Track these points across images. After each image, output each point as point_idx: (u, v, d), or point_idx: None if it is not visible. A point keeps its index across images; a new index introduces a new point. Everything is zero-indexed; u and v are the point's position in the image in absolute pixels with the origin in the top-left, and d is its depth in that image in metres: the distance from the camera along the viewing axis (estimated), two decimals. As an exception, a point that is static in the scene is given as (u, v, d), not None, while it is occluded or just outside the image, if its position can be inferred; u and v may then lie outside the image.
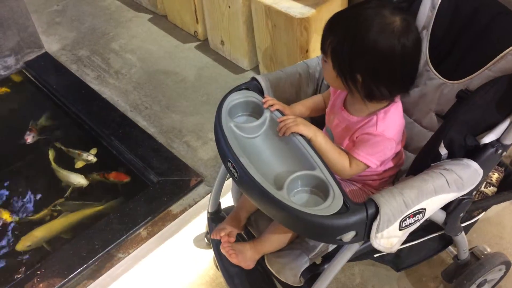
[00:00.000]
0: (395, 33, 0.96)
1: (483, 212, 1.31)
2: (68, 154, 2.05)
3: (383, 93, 1.02)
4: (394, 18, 0.97)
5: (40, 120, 2.21)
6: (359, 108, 1.08)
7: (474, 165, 0.99)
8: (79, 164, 2.01)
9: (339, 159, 1.05)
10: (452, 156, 1.00)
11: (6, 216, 1.85)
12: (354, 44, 0.97)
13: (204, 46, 2.52)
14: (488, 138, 0.98)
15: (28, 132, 2.12)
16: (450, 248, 1.41)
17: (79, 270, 1.60)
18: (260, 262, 1.19)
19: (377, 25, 0.96)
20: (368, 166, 1.05)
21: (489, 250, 1.42)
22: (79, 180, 1.95)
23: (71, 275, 1.59)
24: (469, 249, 1.38)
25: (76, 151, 2.04)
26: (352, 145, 1.08)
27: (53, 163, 2.03)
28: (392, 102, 1.06)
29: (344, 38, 0.98)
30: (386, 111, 1.06)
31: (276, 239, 1.12)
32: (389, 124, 1.05)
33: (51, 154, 2.05)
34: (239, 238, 1.26)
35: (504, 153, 1.02)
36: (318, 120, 1.26)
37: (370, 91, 1.01)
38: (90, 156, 2.02)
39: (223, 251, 1.17)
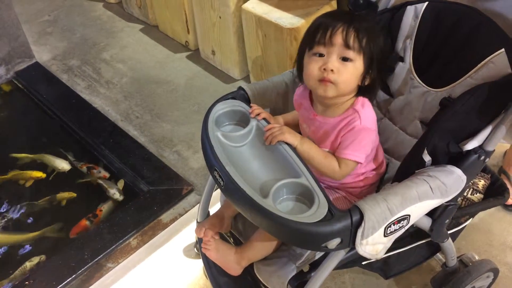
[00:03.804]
0: None
1: (470, 219, 1.32)
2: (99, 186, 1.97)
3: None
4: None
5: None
6: (333, 109, 1.09)
7: (458, 171, 1.00)
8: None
9: (328, 163, 1.06)
10: (436, 162, 1.01)
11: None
12: (379, 40, 1.05)
13: (195, 55, 2.53)
14: (470, 145, 0.99)
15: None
16: (439, 255, 1.41)
17: (68, 280, 1.59)
18: (249, 270, 1.19)
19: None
20: (357, 163, 1.06)
21: (477, 257, 1.43)
22: (63, 165, 2.00)
23: (60, 286, 1.58)
24: (458, 257, 1.39)
25: (105, 185, 1.95)
26: (336, 145, 1.08)
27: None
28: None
29: (375, 33, 1.05)
30: (362, 104, 1.07)
31: (261, 247, 1.12)
32: (369, 114, 1.07)
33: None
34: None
35: (487, 159, 1.03)
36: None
37: (379, 77, 1.08)
38: (114, 189, 1.93)
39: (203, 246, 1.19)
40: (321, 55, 1.03)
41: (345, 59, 1.02)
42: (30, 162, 2.07)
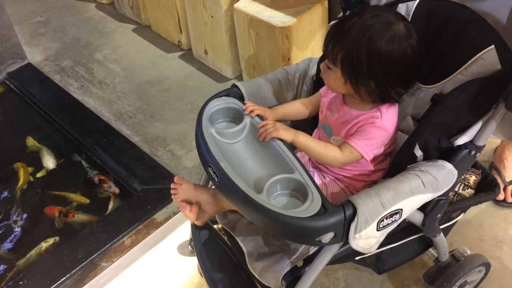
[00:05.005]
0: (403, 37, 1.03)
1: (462, 214, 1.33)
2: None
3: (399, 93, 1.07)
4: (398, 23, 1.03)
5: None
6: (357, 104, 1.12)
7: (449, 166, 1.01)
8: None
9: (328, 151, 1.08)
10: (427, 157, 1.03)
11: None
12: (370, 53, 1.01)
13: (188, 55, 2.54)
14: (461, 140, 1.01)
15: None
16: (431, 250, 1.43)
17: (62, 280, 1.59)
18: (243, 267, 1.20)
19: (387, 33, 1.01)
20: (362, 157, 1.08)
21: (469, 252, 1.44)
22: (49, 163, 2.01)
23: (54, 286, 1.57)
24: (450, 252, 1.40)
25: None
26: (350, 134, 1.10)
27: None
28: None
29: (357, 47, 1.01)
30: (388, 106, 1.10)
31: None
32: (391, 117, 1.10)
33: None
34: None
35: (478, 154, 1.05)
36: (308, 120, 1.28)
37: (387, 92, 1.06)
38: None
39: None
40: None
41: (328, 67, 1.08)
42: (37, 152, 2.09)
